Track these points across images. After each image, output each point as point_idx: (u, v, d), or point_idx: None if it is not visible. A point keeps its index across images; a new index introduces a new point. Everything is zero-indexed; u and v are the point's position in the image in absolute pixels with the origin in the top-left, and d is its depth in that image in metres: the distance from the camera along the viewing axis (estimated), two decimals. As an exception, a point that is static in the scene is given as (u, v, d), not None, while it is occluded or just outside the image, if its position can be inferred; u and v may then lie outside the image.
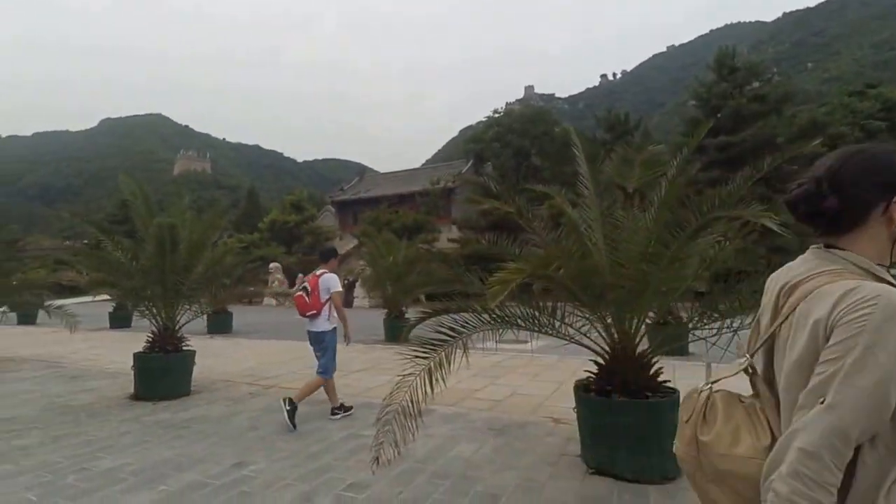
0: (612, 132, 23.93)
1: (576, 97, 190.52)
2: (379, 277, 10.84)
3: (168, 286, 5.52)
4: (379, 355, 8.28)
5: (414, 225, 26.21)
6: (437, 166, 40.78)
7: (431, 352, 2.69)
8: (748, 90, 20.31)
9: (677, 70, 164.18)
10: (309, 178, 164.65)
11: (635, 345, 3.30)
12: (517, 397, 5.30)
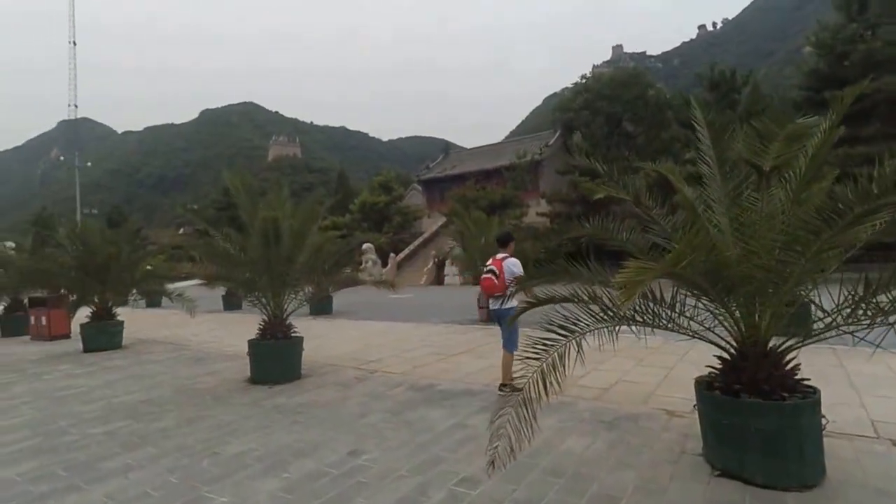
0: (715, 91, 22.05)
1: (670, 54, 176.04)
2: (471, 258, 10.86)
3: (275, 276, 5.89)
4: (476, 336, 8.42)
5: (501, 201, 25.90)
6: (523, 139, 39.69)
7: (543, 353, 2.57)
8: (883, 30, 17.59)
9: (789, 11, 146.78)
10: (395, 157, 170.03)
11: (767, 339, 2.98)
12: (624, 385, 5.07)
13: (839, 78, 17.69)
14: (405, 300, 17.44)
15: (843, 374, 5.01)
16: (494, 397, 4.74)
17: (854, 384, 4.66)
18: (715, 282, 2.74)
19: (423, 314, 12.59)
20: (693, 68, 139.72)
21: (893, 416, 3.81)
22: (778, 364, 3.00)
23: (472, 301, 11.49)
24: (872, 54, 17.15)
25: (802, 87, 20.17)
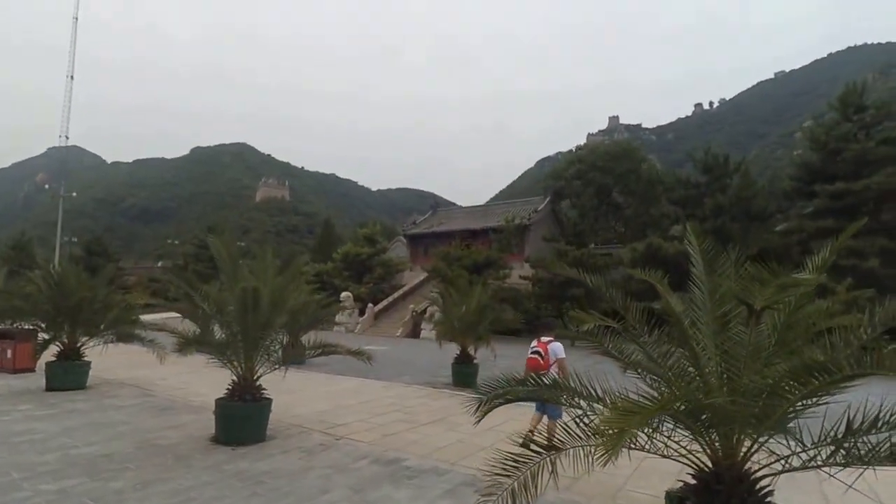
0: (708, 174, 22.60)
1: (665, 128, 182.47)
2: (450, 323, 10.85)
3: (249, 342, 5.83)
4: (447, 404, 8.26)
5: (485, 261, 26.22)
6: (513, 202, 40.81)
7: (514, 470, 2.55)
8: (877, 131, 18.50)
9: (784, 98, 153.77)
10: (382, 207, 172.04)
11: (744, 465, 3.01)
12: (596, 475, 4.88)
13: (830, 173, 18.65)
14: (379, 353, 17.02)
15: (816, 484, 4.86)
16: (462, 478, 4.68)
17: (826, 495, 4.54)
18: (698, 417, 2.82)
19: (396, 371, 12.38)
20: (686, 144, 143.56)
21: None
22: (752, 490, 3.00)
23: (445, 360, 11.50)
24: (865, 154, 17.83)
25: (793, 177, 20.92)
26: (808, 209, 19.58)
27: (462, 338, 10.83)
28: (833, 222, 17.44)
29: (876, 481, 3.20)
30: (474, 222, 35.84)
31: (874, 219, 17.07)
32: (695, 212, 22.01)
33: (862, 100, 19.36)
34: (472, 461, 5.16)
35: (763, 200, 21.27)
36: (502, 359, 14.97)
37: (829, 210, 18.37)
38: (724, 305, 3.04)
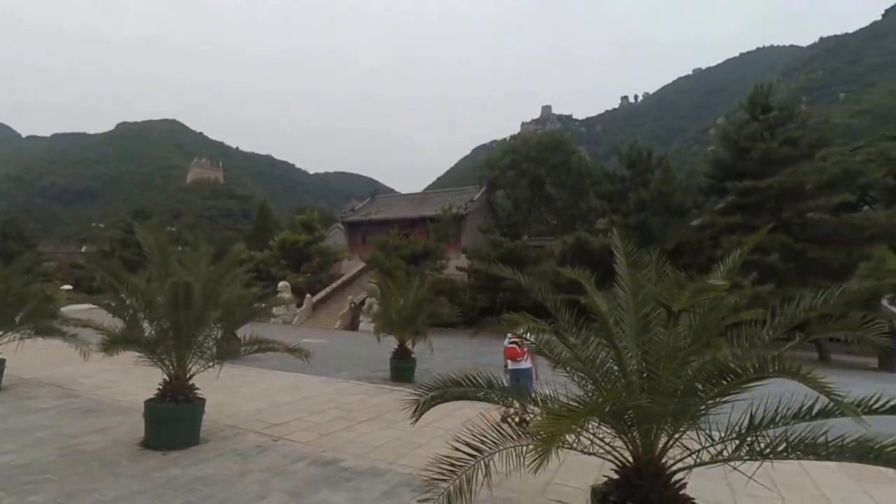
0: (632, 168, 23.32)
1: (594, 119, 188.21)
2: (388, 316, 10.91)
3: (181, 338, 5.54)
4: (385, 400, 8.21)
5: (423, 251, 26.33)
6: (450, 191, 41.08)
7: (450, 474, 2.64)
8: (780, 132, 19.45)
9: (702, 95, 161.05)
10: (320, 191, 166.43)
11: (661, 460, 3.22)
12: (523, 471, 5.12)
13: (740, 171, 19.51)
14: (318, 346, 16.73)
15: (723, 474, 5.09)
16: (400, 478, 4.71)
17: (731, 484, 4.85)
18: (622, 416, 2.98)
19: (334, 366, 12.23)
20: (613, 135, 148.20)
21: None
22: (668, 484, 3.20)
23: (384, 354, 11.38)
24: (769, 153, 18.68)
25: (708, 174, 21.71)
26: (719, 205, 20.49)
27: (400, 331, 10.91)
28: (741, 218, 18.51)
29: (773, 470, 3.50)
30: (412, 210, 35.75)
31: (775, 216, 17.92)
32: (619, 206, 22.52)
33: (768, 101, 20.21)
34: (410, 460, 5.21)
35: (681, 196, 22.09)
36: (439, 352, 15.24)
37: (737, 206, 19.30)
38: (645, 307, 3.20)
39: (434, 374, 3.94)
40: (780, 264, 17.10)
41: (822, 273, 16.76)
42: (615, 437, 3.23)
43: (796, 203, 18.43)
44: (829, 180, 18.17)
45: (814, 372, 2.35)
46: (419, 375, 10.56)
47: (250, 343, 6.12)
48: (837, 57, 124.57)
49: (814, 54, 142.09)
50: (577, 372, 3.42)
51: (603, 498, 3.25)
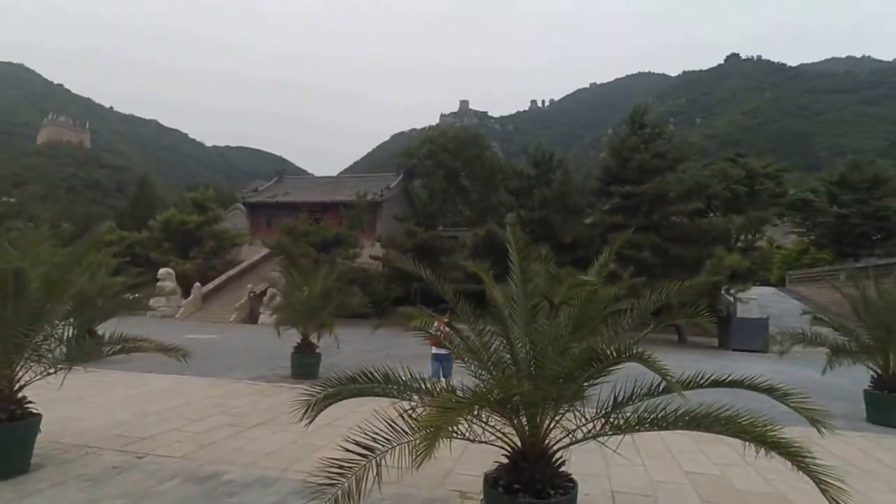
0: (537, 168, 25.63)
1: (507, 119, 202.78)
2: (293, 309, 10.38)
3: (9, 341, 4.46)
4: (282, 401, 7.25)
5: (335, 239, 25.55)
6: (366, 177, 40.32)
7: (339, 476, 2.55)
8: (652, 146, 22.60)
9: (596, 108, 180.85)
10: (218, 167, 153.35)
11: (545, 441, 3.47)
12: (427, 463, 5.18)
13: (622, 177, 22.45)
14: (206, 343, 15.50)
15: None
16: (293, 486, 4.28)
17: (605, 456, 5.36)
18: (510, 403, 3.15)
19: (225, 364, 11.34)
20: (524, 135, 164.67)
21: (627, 486, 4.73)
22: (550, 462, 3.46)
23: (285, 349, 10.51)
24: (644, 164, 21.97)
25: (597, 178, 24.82)
26: (607, 206, 23.34)
27: (304, 324, 10.46)
28: (622, 218, 21.20)
29: (637, 440, 4.38)
30: (325, 195, 34.50)
31: (648, 218, 21.13)
32: (526, 202, 24.62)
33: (644, 119, 23.72)
34: (306, 465, 4.69)
35: (577, 196, 24.84)
36: (348, 345, 14.85)
37: (620, 208, 22.21)
38: (533, 299, 3.47)
39: (341, 368, 3.82)
40: (651, 259, 19.91)
41: (682, 267, 19.74)
42: (506, 424, 3.39)
43: (663, 207, 21.46)
44: (686, 190, 21.49)
45: (673, 353, 2.74)
46: (325, 371, 10.08)
47: (111, 342, 5.37)
48: (695, 89, 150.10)
49: (679, 84, 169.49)
50: (472, 362, 3.55)
51: (494, 483, 3.41)
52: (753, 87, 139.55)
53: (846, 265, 29.58)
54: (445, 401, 2.36)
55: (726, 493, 4.78)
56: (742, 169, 29.45)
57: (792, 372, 13.07)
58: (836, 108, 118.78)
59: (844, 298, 9.42)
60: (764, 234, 30.47)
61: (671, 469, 5.39)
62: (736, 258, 18.94)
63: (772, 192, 30.11)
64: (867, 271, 10.52)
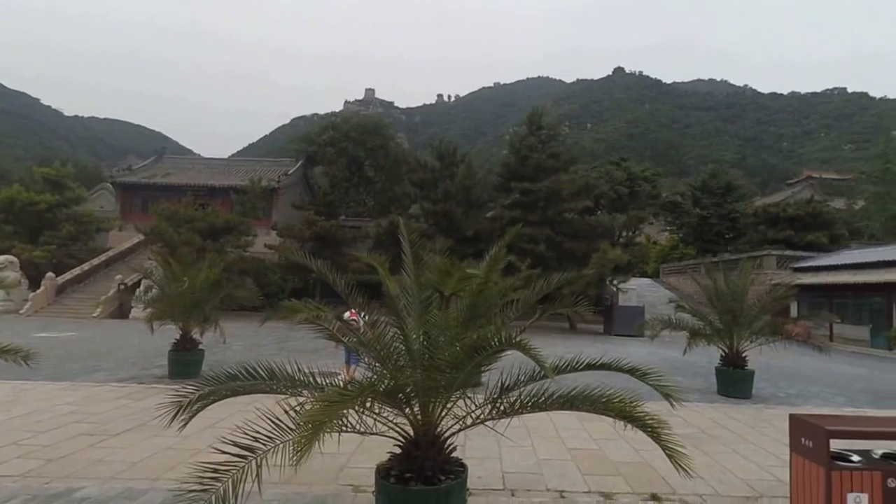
0: (441, 161, 26.02)
1: (413, 111, 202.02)
2: (168, 303, 9.42)
3: None
4: (155, 403, 6.93)
5: (225, 226, 23.74)
6: (262, 161, 37.94)
7: (213, 481, 2.34)
8: (548, 147, 24.00)
9: (499, 106, 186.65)
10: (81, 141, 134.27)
11: (436, 429, 3.53)
12: (319, 459, 4.67)
13: (521, 174, 23.58)
14: (62, 341, 13.63)
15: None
16: (163, 497, 3.92)
17: (498, 440, 5.62)
18: (400, 393, 3.15)
19: (86, 365, 10.05)
20: (430, 127, 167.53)
21: (516, 466, 5.03)
22: (441, 449, 3.53)
23: (162, 346, 9.65)
24: (541, 163, 23.25)
25: (498, 174, 25.76)
26: (507, 201, 24.24)
27: (184, 319, 9.58)
28: (521, 213, 22.22)
29: (528, 422, 4.68)
30: (214, 178, 31.84)
31: (544, 214, 22.51)
32: (430, 194, 24.88)
33: (541, 121, 25.16)
34: (182, 472, 4.34)
35: (480, 190, 25.52)
36: (238, 340, 13.96)
37: (519, 203, 23.26)
38: (426, 291, 3.53)
39: (228, 366, 3.54)
40: (546, 252, 21.30)
41: (573, 260, 21.38)
42: (398, 415, 3.41)
43: (558, 204, 22.90)
44: (577, 189, 22.97)
45: (564, 340, 2.99)
46: (210, 370, 9.37)
47: None
48: (587, 96, 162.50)
49: (573, 90, 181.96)
50: (367, 355, 3.52)
51: (386, 474, 3.42)
52: (636, 99, 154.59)
53: (706, 259, 33.97)
54: (331, 394, 2.26)
55: (602, 465, 5.23)
56: (624, 172, 32.53)
57: (663, 353, 14.76)
58: (700, 123, 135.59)
59: (701, 289, 10.76)
60: (642, 231, 33.84)
61: (556, 447, 5.79)
62: (618, 252, 20.72)
63: (649, 193, 33.50)
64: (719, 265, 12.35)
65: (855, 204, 38.25)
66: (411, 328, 3.52)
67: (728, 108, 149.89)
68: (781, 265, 26.62)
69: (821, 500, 3.37)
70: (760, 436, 6.55)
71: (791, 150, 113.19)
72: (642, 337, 17.76)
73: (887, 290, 19.46)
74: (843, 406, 8.93)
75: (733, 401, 8.93)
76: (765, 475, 5.09)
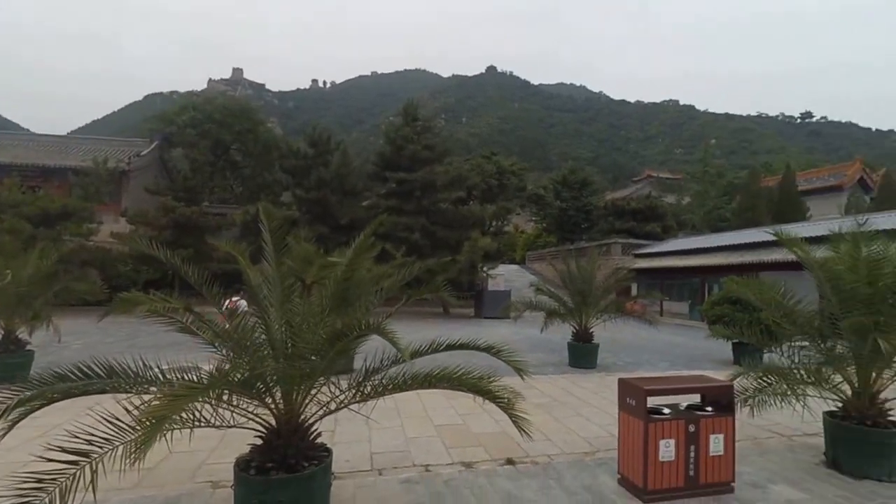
0: (314, 148, 25.18)
1: (287, 94, 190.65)
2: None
3: None
4: None
5: (62, 211, 20.43)
6: (109, 140, 33.06)
7: (37, 492, 2.10)
8: (423, 139, 24.34)
9: (377, 96, 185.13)
10: None
11: (300, 416, 3.53)
12: (174, 458, 4.56)
13: (396, 164, 23.76)
14: None
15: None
16: None
17: (369, 424, 5.69)
18: (259, 383, 3.08)
19: None
20: (304, 113, 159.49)
21: (385, 447, 5.19)
22: (305, 436, 3.54)
23: None
24: (416, 154, 23.57)
25: (374, 163, 25.61)
26: (383, 190, 24.34)
27: (7, 317, 8.16)
28: (397, 202, 22.59)
29: (399, 403, 4.64)
30: (47, 157, 27.05)
31: (419, 204, 22.95)
32: (303, 182, 24.02)
33: (416, 112, 25.48)
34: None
35: (355, 179, 25.15)
36: (78, 338, 12.22)
37: (395, 193, 23.48)
38: (288, 279, 3.50)
39: (62, 366, 3.13)
40: (421, 241, 21.81)
41: (447, 248, 22.14)
42: (259, 406, 3.35)
43: (432, 195, 23.44)
44: (450, 180, 23.78)
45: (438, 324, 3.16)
46: (40, 372, 8.07)
47: None
48: (462, 91, 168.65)
49: (449, 84, 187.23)
50: (223, 347, 3.39)
51: (246, 465, 3.34)
52: (507, 97, 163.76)
53: (564, 247, 37.47)
54: (177, 388, 2.16)
55: (465, 438, 5.63)
56: (494, 165, 34.26)
57: (526, 332, 16.06)
58: (562, 123, 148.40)
59: (557, 273, 11.95)
60: (510, 221, 36.08)
61: (424, 425, 6.08)
62: (488, 241, 21.97)
63: (516, 186, 35.87)
64: (572, 252, 13.90)
65: (683, 200, 44.92)
66: (274, 317, 3.47)
67: (586, 111, 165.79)
68: (626, 252, 30.40)
69: (640, 447, 4.03)
70: (602, 399, 7.52)
71: (636, 152, 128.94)
72: (508, 318, 19.27)
73: (702, 272, 23.35)
74: (666, 369, 10.58)
75: (582, 371, 10.07)
76: (602, 432, 5.89)
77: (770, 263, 17.43)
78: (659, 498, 3.97)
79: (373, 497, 4.02)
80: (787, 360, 5.03)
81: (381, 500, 3.97)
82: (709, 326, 9.19)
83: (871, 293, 4.56)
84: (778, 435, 6.00)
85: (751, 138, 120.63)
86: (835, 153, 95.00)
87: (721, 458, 4.14)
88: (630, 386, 4.28)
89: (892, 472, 4.45)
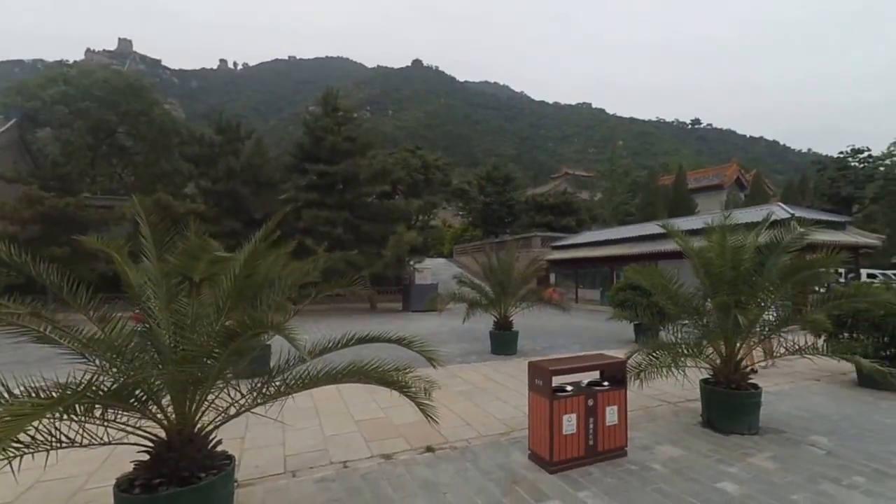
0: (222, 135, 23.42)
1: (189, 74, 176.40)
2: None
3: None
4: None
5: None
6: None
7: None
8: (344, 130, 23.50)
9: (297, 82, 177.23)
10: None
11: (195, 424, 3.25)
12: (43, 487, 4.03)
13: (316, 155, 22.72)
14: None
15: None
16: None
17: (283, 424, 5.48)
18: (130, 394, 2.75)
19: None
20: (213, 95, 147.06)
21: (300, 447, 4.91)
22: (202, 446, 3.25)
23: None
24: (337, 145, 22.56)
25: (292, 154, 24.22)
26: (303, 183, 23.03)
27: None
28: (317, 195, 21.66)
29: (318, 402, 4.69)
30: None
31: (342, 197, 22.20)
32: (208, 171, 22.32)
33: (337, 102, 24.31)
34: None
35: (271, 170, 23.78)
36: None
37: (315, 185, 22.42)
38: (173, 278, 3.18)
39: None
40: (344, 235, 21.24)
41: (371, 242, 21.79)
42: (141, 418, 3.01)
43: (355, 188, 22.83)
44: (374, 173, 23.18)
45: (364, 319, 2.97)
46: None
47: None
48: (388, 83, 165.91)
49: (374, 75, 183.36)
50: (95, 357, 2.96)
51: (128, 486, 3.00)
52: (433, 92, 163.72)
53: (487, 240, 38.30)
54: (21, 405, 1.81)
55: (386, 430, 5.49)
56: (419, 160, 34.07)
57: (452, 324, 16.17)
58: (486, 121, 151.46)
59: (480, 265, 12.09)
60: (436, 215, 36.08)
61: (344, 421, 5.86)
62: (413, 235, 21.78)
63: (442, 181, 36.01)
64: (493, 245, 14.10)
65: (595, 196, 47.64)
66: (159, 319, 3.17)
67: (509, 109, 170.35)
68: (545, 244, 31.66)
69: (546, 423, 4.22)
70: (519, 383, 7.69)
71: (555, 150, 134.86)
72: (435, 311, 19.31)
73: (610, 261, 24.88)
74: (578, 351, 11.07)
75: (502, 357, 10.27)
76: (517, 413, 6.00)
77: (665, 253, 18.95)
78: (563, 468, 4.21)
79: (284, 500, 3.77)
80: (674, 336, 5.67)
81: (294, 502, 3.71)
82: (613, 310, 9.80)
83: (734, 276, 5.30)
84: (665, 402, 6.52)
85: (652, 140, 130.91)
86: (717, 156, 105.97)
87: (616, 427, 4.50)
88: (538, 368, 4.42)
89: (751, 426, 5.23)
